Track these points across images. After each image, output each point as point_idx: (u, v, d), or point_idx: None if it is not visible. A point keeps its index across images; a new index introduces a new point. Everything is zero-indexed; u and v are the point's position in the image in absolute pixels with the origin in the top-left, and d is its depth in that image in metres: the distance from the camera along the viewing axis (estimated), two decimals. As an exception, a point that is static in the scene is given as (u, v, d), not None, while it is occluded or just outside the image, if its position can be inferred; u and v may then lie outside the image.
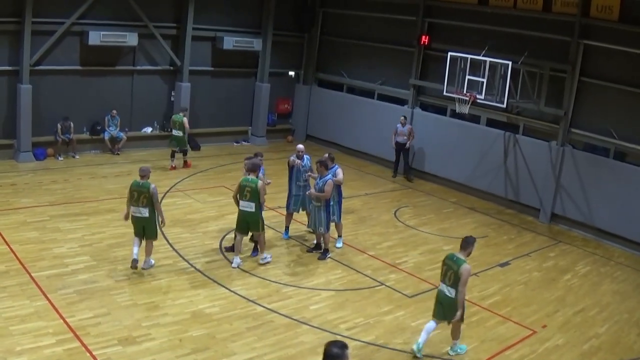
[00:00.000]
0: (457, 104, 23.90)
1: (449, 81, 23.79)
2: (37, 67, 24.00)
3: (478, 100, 23.05)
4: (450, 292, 13.04)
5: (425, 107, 28.18)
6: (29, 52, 23.37)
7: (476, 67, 22.83)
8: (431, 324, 13.30)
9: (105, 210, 19.66)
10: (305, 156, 18.80)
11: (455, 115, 25.84)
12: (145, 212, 15.47)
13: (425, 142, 27.37)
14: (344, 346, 7.51)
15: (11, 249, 16.16)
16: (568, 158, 22.99)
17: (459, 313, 12.93)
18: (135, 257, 15.44)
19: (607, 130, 22.08)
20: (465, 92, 23.20)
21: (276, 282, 16.13)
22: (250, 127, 31.06)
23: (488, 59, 22.48)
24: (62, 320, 12.93)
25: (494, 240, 20.91)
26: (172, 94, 28.36)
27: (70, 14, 24.34)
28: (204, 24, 28.49)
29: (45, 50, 24.08)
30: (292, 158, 18.74)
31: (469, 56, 23.00)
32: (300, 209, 19.05)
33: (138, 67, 27.19)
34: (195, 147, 28.24)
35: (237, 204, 16.53)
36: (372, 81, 30.00)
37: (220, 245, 18.04)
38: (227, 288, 15.43)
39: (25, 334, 12.24)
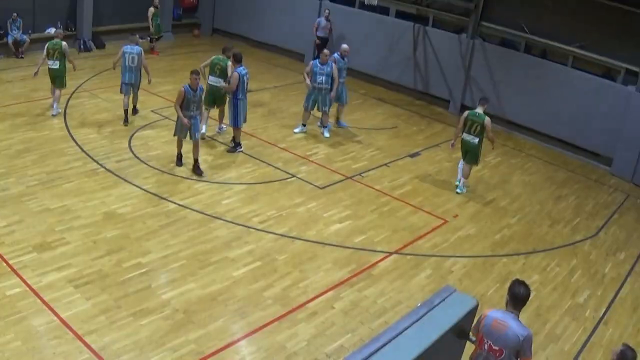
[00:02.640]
0: (366, -4, 23.79)
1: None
2: None
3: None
4: (474, 140, 16.47)
5: (333, -2, 27.95)
6: None
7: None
8: (461, 163, 17.19)
9: (13, 115, 19.14)
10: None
11: (364, 7, 25.64)
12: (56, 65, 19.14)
13: (334, 34, 27.16)
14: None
15: None
16: (478, 51, 23.22)
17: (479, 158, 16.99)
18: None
19: (519, 25, 22.25)
20: (374, -17, 23.06)
21: (188, 178, 16.14)
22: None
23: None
24: (-26, 230, 12.79)
25: (404, 132, 21.19)
26: (75, -9, 27.55)
27: None
28: None
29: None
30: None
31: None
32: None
33: (38, -36, 26.25)
34: (100, 45, 27.65)
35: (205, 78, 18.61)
36: (281, -28, 29.51)
37: (130, 143, 17.87)
38: (138, 187, 15.37)
39: None
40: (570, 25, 21.21)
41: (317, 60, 19.83)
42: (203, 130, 18.26)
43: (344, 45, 19.56)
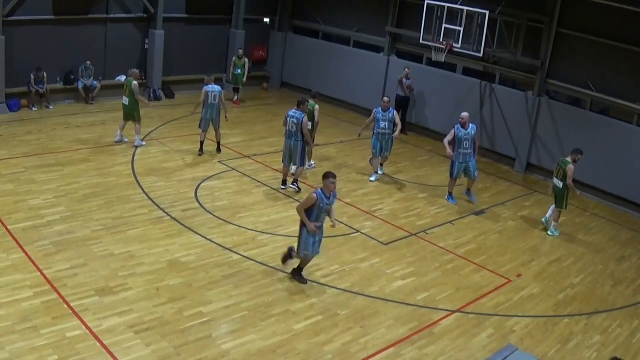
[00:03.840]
0: (433, 52, 23.83)
1: (425, 29, 23.67)
2: (9, 18, 23.57)
3: (454, 49, 23.00)
4: (559, 184, 17.79)
5: (401, 54, 28.07)
6: (1, 3, 22.94)
7: (453, 15, 22.72)
8: (551, 208, 18.47)
9: (80, 160, 19.55)
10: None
11: (431, 63, 25.70)
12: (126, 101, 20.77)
13: (415, 93, 27.19)
14: None
15: (-14, 201, 16.07)
16: (544, 108, 23.07)
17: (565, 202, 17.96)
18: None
19: (584, 82, 22.09)
20: (441, 40, 23.12)
21: (252, 230, 16.18)
22: (224, 75, 30.81)
23: (465, 8, 22.37)
24: (39, 272, 12.91)
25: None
26: (146, 41, 28.08)
27: (42, -38, 23.93)
28: (178, -30, 28.15)
29: (18, 0, 23.68)
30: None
31: (446, 4, 22.86)
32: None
33: (111, 15, 26.77)
34: (169, 95, 28.09)
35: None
36: (348, 28, 29.81)
37: (196, 193, 18.04)
38: (202, 236, 15.46)
39: (2, 287, 12.21)
40: (636, 83, 20.99)
41: (379, 107, 20.73)
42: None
43: (464, 114, 19.43)
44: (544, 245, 17.61)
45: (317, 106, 20.78)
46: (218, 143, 21.66)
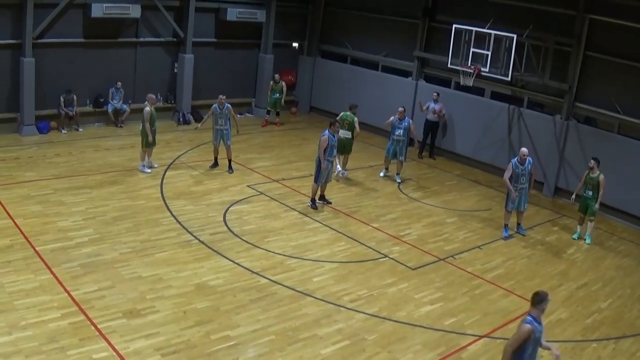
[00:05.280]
0: (461, 77, 23.87)
1: (453, 54, 23.74)
2: (40, 40, 23.88)
3: (482, 73, 23.03)
4: (587, 193, 19.15)
5: (429, 79, 28.09)
6: (31, 25, 23.24)
7: (481, 39, 22.78)
8: (579, 225, 19.83)
9: (109, 183, 19.69)
10: None
11: (459, 87, 25.70)
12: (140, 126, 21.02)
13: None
14: None
15: (15, 223, 16.17)
16: (572, 132, 22.98)
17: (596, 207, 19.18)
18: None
19: (612, 105, 22.01)
20: (469, 64, 23.15)
21: (280, 254, 16.18)
22: (254, 99, 31.00)
23: (493, 32, 22.42)
24: (66, 294, 12.98)
25: (498, 214, 20.84)
26: (176, 65, 28.29)
27: (73, -14, 24.20)
28: (208, -6, 28.38)
29: (48, 23, 23.93)
30: None
31: (474, 29, 22.93)
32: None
33: (141, 39, 27.04)
34: (199, 119, 28.20)
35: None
36: (376, 53, 29.90)
37: (225, 217, 18.07)
38: (230, 260, 15.48)
39: (30, 308, 12.28)
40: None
41: (396, 116, 22.87)
42: (339, 169, 22.55)
43: (524, 149, 19.30)
44: (573, 270, 17.47)
45: (356, 118, 22.23)
46: (229, 161, 22.00)
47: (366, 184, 22.58)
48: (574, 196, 19.92)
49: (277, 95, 29.16)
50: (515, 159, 19.00)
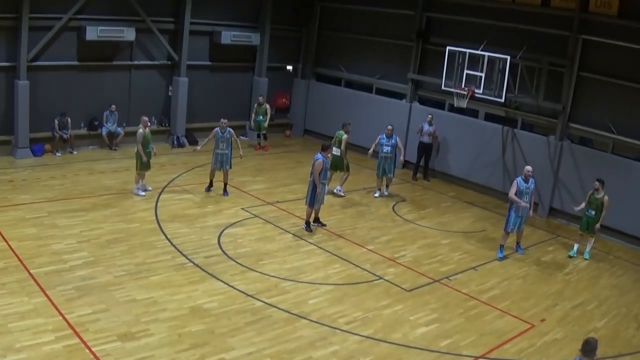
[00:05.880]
0: (455, 99, 23.99)
1: (447, 76, 23.90)
2: (34, 63, 23.93)
3: (476, 95, 23.16)
4: (590, 213, 19.42)
5: (423, 101, 28.19)
6: (26, 48, 23.32)
7: (475, 61, 22.91)
8: (576, 245, 20.08)
9: (103, 205, 19.67)
10: None
11: (453, 109, 25.83)
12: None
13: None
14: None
15: (9, 245, 16.13)
16: (566, 152, 23.03)
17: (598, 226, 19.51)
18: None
19: (606, 125, 22.09)
20: (463, 86, 23.27)
21: (275, 277, 16.13)
22: (248, 122, 30.98)
23: (487, 54, 22.56)
24: (61, 317, 12.93)
25: (493, 234, 20.88)
26: (170, 88, 28.34)
27: (67, 9, 24.22)
28: (202, 18, 28.44)
29: (43, 45, 24.00)
30: None
31: (468, 50, 23.08)
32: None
33: (136, 62, 27.11)
34: (193, 142, 28.22)
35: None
36: (371, 75, 30.00)
37: (219, 240, 18.05)
38: (225, 283, 15.44)
39: (25, 331, 12.23)
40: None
41: (383, 134, 23.65)
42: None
43: (529, 167, 19.32)
44: (568, 290, 17.45)
45: (345, 136, 22.71)
46: (225, 184, 22.05)
47: (360, 206, 22.58)
48: (577, 208, 20.22)
49: (261, 117, 29.15)
50: (520, 177, 18.99)
